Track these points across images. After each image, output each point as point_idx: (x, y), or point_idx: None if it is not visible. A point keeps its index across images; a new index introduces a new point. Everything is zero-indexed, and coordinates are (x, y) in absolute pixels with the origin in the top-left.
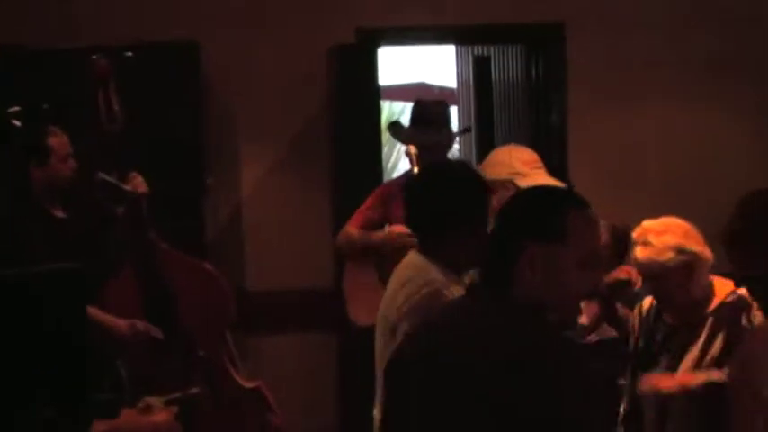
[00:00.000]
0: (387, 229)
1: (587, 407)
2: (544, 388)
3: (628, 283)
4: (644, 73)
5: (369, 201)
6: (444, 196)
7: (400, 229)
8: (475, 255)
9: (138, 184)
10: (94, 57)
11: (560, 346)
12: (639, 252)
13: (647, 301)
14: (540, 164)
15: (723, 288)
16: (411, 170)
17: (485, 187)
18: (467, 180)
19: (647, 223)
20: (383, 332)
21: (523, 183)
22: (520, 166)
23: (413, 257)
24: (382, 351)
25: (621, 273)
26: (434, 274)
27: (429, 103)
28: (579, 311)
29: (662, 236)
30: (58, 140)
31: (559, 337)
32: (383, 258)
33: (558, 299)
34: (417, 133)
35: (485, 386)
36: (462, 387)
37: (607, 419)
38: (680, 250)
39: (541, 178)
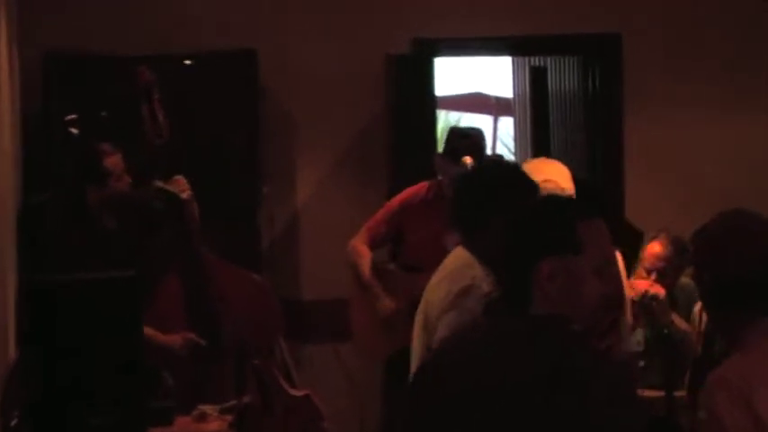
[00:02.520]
0: (381, 299)
1: (626, 414)
2: (581, 397)
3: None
4: (702, 83)
5: (381, 214)
6: (491, 193)
7: (389, 309)
8: None
9: (182, 187)
10: (138, 68)
11: (591, 354)
12: None
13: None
14: (558, 179)
15: None
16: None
17: (533, 188)
18: (515, 179)
19: None
20: (422, 325)
21: None
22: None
23: (459, 252)
24: (417, 346)
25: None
26: (477, 270)
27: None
28: (599, 319)
29: None
30: (113, 161)
31: (588, 345)
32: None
33: (579, 309)
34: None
35: (517, 405)
36: (493, 408)
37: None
38: None
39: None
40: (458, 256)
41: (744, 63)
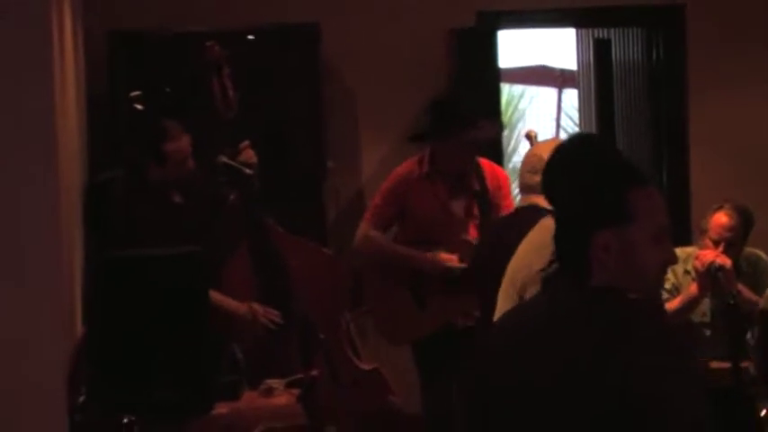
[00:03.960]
0: (435, 255)
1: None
2: (642, 361)
3: (723, 268)
4: (766, 55)
5: (380, 199)
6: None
7: (451, 260)
8: None
9: (250, 155)
10: (208, 43)
11: (650, 323)
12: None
13: None
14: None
15: None
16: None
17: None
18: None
19: None
20: (509, 294)
21: None
22: None
23: (550, 223)
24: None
25: (719, 257)
26: None
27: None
28: (660, 286)
29: None
30: (176, 145)
31: (647, 314)
32: (421, 279)
33: (638, 279)
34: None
35: (582, 373)
36: (558, 380)
37: (701, 393)
38: None
39: None
40: (548, 227)
41: None
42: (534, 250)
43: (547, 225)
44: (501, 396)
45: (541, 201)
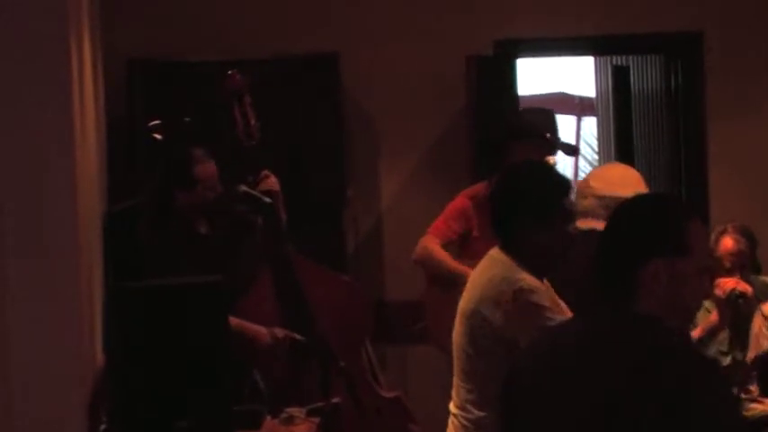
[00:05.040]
0: None
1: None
2: (675, 392)
3: (744, 295)
4: None
5: (449, 213)
6: (522, 194)
7: None
8: (554, 255)
9: (271, 183)
10: (230, 71)
11: (688, 350)
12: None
13: None
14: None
15: None
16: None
17: (565, 187)
18: (544, 179)
19: None
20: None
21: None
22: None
23: (496, 254)
24: (456, 339)
25: (739, 284)
26: (521, 273)
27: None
28: (694, 319)
29: None
30: (204, 169)
31: (685, 342)
32: None
33: (681, 310)
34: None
35: (615, 398)
36: (591, 402)
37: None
38: None
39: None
40: (495, 261)
41: None
42: (487, 282)
43: (494, 259)
44: (535, 422)
45: (597, 224)
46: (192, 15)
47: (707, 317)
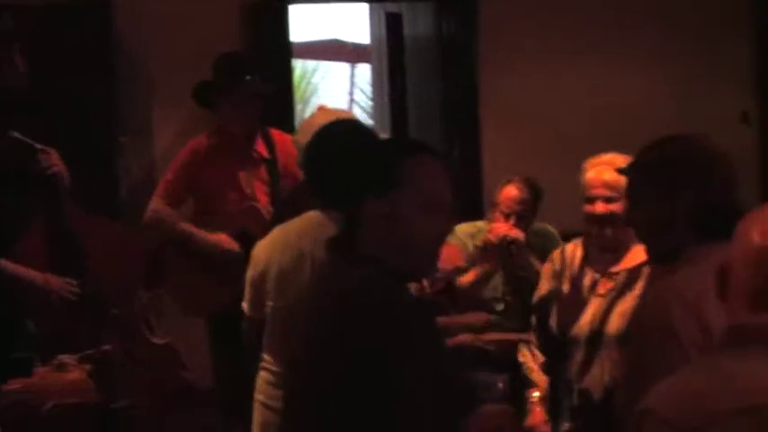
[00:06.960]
0: (219, 238)
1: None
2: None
3: (516, 241)
4: (557, 31)
5: (172, 170)
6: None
7: (231, 245)
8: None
9: (54, 160)
10: None
11: (380, 290)
12: (605, 173)
13: (572, 247)
14: None
15: None
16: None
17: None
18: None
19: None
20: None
21: None
22: None
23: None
24: None
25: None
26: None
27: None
28: (435, 258)
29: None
30: None
31: (383, 282)
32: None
33: (405, 249)
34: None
35: (319, 328)
36: (308, 339)
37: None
38: None
39: None
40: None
41: (600, 12)
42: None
43: (311, 219)
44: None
45: None
46: None
47: (480, 261)
